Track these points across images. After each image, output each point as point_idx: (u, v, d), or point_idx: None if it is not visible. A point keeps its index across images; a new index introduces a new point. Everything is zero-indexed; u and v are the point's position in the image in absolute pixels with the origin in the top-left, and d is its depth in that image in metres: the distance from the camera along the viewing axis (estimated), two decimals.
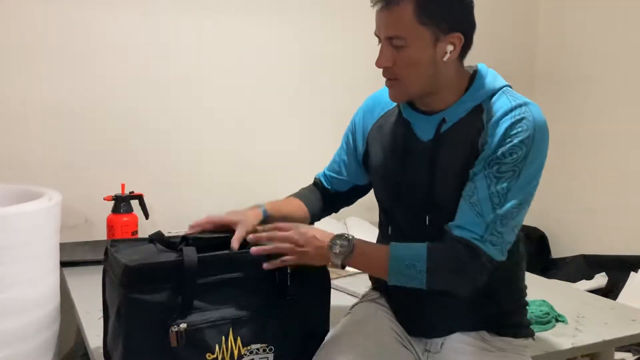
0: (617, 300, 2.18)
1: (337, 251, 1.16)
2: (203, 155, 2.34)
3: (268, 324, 1.15)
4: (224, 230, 1.22)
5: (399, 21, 1.14)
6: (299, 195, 1.46)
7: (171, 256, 1.13)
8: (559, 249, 2.81)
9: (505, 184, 1.12)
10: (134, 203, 2.05)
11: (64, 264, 1.83)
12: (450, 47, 1.16)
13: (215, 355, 1.10)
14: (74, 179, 2.13)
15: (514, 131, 1.13)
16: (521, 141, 1.12)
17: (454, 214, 1.18)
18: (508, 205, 1.13)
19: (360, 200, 2.59)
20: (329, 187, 1.48)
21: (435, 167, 1.21)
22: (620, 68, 2.60)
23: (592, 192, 2.73)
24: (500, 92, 1.19)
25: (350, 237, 1.18)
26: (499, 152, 1.13)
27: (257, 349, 1.14)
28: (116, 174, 2.15)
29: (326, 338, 1.25)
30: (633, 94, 2.55)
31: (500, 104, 1.17)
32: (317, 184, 1.50)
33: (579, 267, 2.56)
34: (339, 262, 1.16)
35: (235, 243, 1.17)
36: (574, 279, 2.44)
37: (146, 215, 2.08)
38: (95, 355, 1.32)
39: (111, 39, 2.16)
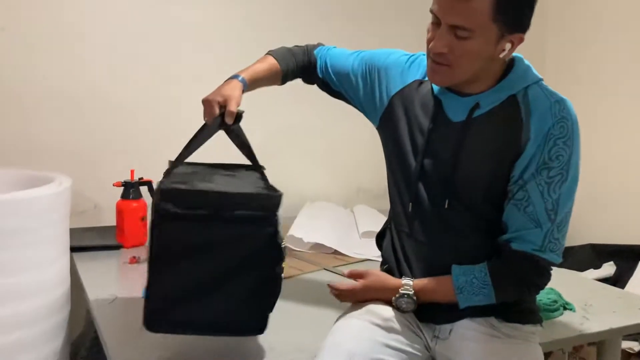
0: (625, 289, 2.17)
1: (404, 308, 1.24)
2: (212, 142, 2.33)
3: None
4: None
5: (473, 14, 1.09)
6: (278, 57, 1.45)
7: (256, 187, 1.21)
8: (567, 238, 2.80)
9: (557, 190, 1.14)
10: (143, 189, 2.06)
11: (73, 249, 1.85)
12: (508, 45, 1.14)
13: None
14: (84, 165, 2.14)
15: (557, 131, 1.13)
16: (565, 142, 1.13)
17: (474, 201, 1.19)
18: (562, 211, 1.16)
19: (368, 189, 2.64)
20: (320, 75, 1.46)
21: (462, 151, 1.20)
22: (630, 56, 2.58)
23: (600, 182, 2.72)
24: (535, 85, 1.19)
25: (412, 294, 1.22)
26: (546, 156, 1.14)
27: None
28: (125, 160, 2.16)
29: (335, 323, 1.25)
30: None
31: (537, 99, 1.16)
32: (309, 58, 1.48)
33: (587, 256, 2.55)
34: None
35: (228, 119, 1.29)
36: (582, 268, 2.43)
37: None
38: (106, 338, 1.33)
39: (121, 27, 2.16)
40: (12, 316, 1.46)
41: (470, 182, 1.20)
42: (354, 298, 1.29)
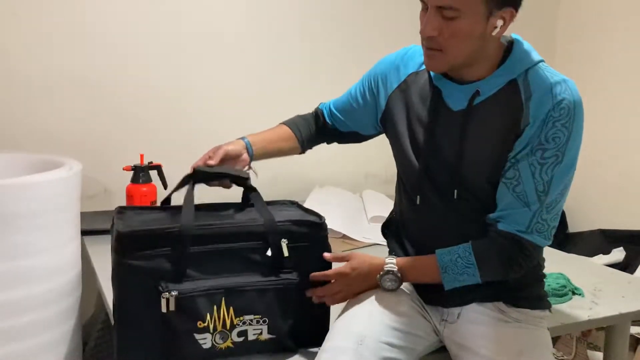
0: (635, 274, 2.17)
1: (388, 286, 1.23)
2: (221, 126, 2.34)
3: (263, 295, 1.15)
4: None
5: None
6: (290, 123, 1.44)
7: (167, 222, 1.13)
8: (577, 224, 2.80)
9: (549, 171, 1.13)
10: (153, 173, 2.06)
11: (84, 233, 1.86)
12: (500, 22, 1.13)
13: (206, 324, 1.11)
14: (94, 149, 2.15)
15: (557, 113, 1.11)
16: (563, 125, 1.12)
17: (482, 190, 1.19)
18: (553, 192, 1.14)
19: (376, 174, 2.64)
20: (329, 122, 1.46)
21: (465, 140, 1.19)
22: None
23: (610, 167, 2.70)
24: (536, 67, 1.17)
25: (397, 272, 1.21)
26: (542, 138, 1.12)
27: (251, 320, 1.14)
28: (135, 144, 2.17)
29: (345, 306, 1.26)
30: None
31: (537, 81, 1.15)
32: (317, 115, 1.47)
33: (596, 242, 2.55)
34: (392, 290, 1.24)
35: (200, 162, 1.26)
36: (591, 254, 2.43)
37: (165, 185, 2.10)
38: None
39: (132, 13, 2.16)
40: (24, 299, 1.48)
41: (475, 171, 1.19)
42: (345, 285, 1.22)
